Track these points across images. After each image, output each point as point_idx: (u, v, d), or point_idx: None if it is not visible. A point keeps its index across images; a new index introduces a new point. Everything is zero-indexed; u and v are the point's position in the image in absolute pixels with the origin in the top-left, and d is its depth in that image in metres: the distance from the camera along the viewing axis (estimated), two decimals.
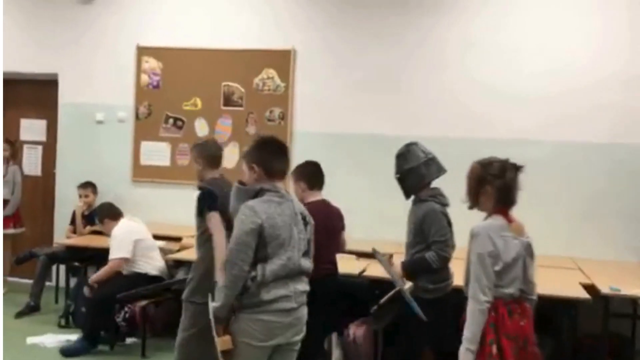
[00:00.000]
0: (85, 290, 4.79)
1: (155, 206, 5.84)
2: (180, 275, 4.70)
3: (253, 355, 2.65)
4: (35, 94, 6.51)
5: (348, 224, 3.92)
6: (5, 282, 5.96)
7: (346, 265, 4.25)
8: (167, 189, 5.95)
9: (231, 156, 5.56)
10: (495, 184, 2.63)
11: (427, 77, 5.41)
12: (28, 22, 6.24)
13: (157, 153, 5.96)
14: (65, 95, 6.19)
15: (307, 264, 2.77)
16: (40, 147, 6.50)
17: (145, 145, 5.99)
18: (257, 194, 2.71)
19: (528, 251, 2.67)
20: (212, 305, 2.68)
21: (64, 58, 6.14)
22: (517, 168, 2.66)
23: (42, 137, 6.50)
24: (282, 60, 5.67)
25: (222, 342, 2.63)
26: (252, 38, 5.74)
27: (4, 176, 5.92)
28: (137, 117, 5.99)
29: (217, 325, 2.65)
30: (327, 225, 3.56)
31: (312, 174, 3.79)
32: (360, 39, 5.54)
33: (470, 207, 2.71)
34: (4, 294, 5.84)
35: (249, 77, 5.75)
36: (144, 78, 5.98)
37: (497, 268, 2.55)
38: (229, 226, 3.17)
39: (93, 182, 5.70)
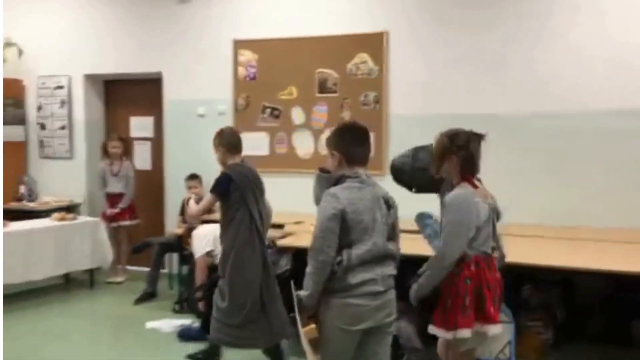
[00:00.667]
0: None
1: None
2: (283, 262, 4.76)
3: (344, 340, 2.63)
4: (143, 92, 6.82)
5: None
6: (124, 270, 6.34)
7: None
8: (267, 178, 5.95)
9: None
10: (460, 154, 2.84)
11: (531, 51, 5.10)
12: (133, 26, 6.52)
13: (256, 143, 6.06)
14: (168, 92, 6.43)
15: (393, 247, 2.76)
16: (149, 143, 6.82)
17: (245, 136, 6.01)
18: (338, 181, 2.70)
19: (494, 212, 2.95)
20: (298, 294, 2.66)
21: (166, 57, 6.38)
22: (480, 138, 2.87)
23: (150, 134, 6.81)
24: (374, 44, 5.56)
25: (307, 332, 2.64)
26: (344, 23, 5.68)
27: (118, 172, 6.27)
28: (236, 109, 6.13)
29: (302, 314, 2.66)
30: None
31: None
32: (455, 15, 5.32)
33: (435, 174, 2.92)
34: (123, 282, 6.23)
35: (342, 63, 5.69)
36: (241, 71, 6.09)
37: (473, 230, 2.78)
38: (243, 211, 3.68)
39: (198, 174, 5.90)
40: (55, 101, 6.87)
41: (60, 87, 6.83)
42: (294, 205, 5.18)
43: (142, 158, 6.82)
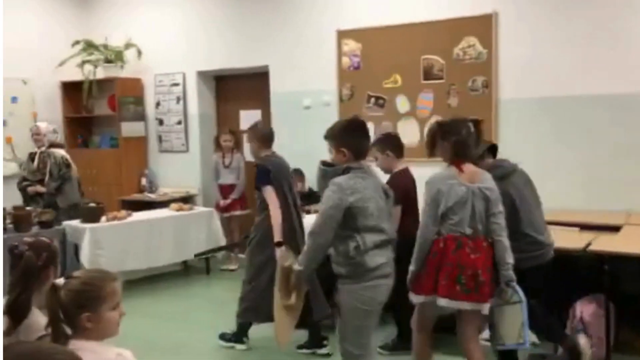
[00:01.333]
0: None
1: None
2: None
3: (366, 319, 2.94)
4: (251, 86, 6.99)
5: (565, 196, 3.58)
6: (237, 259, 6.56)
7: (569, 239, 3.88)
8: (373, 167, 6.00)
9: None
10: (450, 140, 3.09)
11: None
12: (239, 22, 6.68)
13: None
14: (275, 85, 6.55)
15: (392, 231, 3.04)
16: None
17: None
18: (344, 172, 2.92)
19: (478, 196, 3.07)
20: (296, 267, 2.99)
21: (271, 50, 6.48)
22: (475, 123, 3.15)
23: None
24: (482, 26, 5.31)
25: (288, 305, 3.05)
26: (449, 7, 5.47)
27: (230, 164, 6.48)
28: (340, 99, 6.11)
29: (283, 285, 3.05)
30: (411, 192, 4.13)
31: (397, 144, 4.18)
32: None
33: (429, 156, 3.22)
34: (236, 269, 6.44)
35: (449, 48, 5.49)
36: (345, 61, 6.06)
37: (441, 209, 3.06)
38: (280, 195, 4.06)
39: (302, 171, 5.87)
40: (171, 97, 7.22)
41: (176, 84, 7.16)
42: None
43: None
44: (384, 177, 3.86)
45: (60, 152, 5.76)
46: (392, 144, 4.17)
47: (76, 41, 7.05)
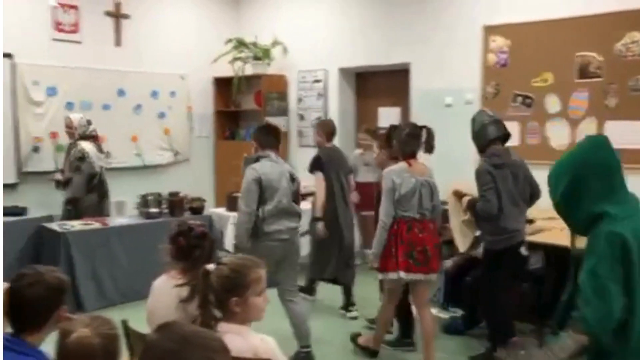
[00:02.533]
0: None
1: None
2: (534, 260, 4.39)
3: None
4: (391, 83, 6.90)
5: None
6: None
7: None
8: None
9: (587, 131, 4.94)
10: (398, 140, 3.87)
11: None
12: (382, 19, 6.60)
13: None
14: (416, 83, 6.40)
15: (296, 207, 4.03)
16: None
17: None
18: (257, 160, 3.95)
19: (425, 186, 3.74)
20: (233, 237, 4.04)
21: (413, 47, 6.34)
22: (420, 130, 3.87)
23: (397, 124, 6.85)
24: None
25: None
26: (609, 0, 4.99)
27: (369, 162, 6.42)
28: (484, 97, 5.83)
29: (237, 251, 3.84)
30: None
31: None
32: None
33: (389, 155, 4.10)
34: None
35: (608, 44, 5.01)
36: (491, 57, 5.76)
37: (396, 197, 3.69)
38: (328, 181, 4.98)
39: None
40: (313, 94, 7.33)
41: (318, 81, 7.26)
42: (543, 199, 4.75)
43: None
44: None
45: (84, 144, 5.49)
46: (388, 144, 4.32)
47: (228, 39, 7.40)
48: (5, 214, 5.24)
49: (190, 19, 7.55)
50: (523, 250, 3.91)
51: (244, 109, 7.89)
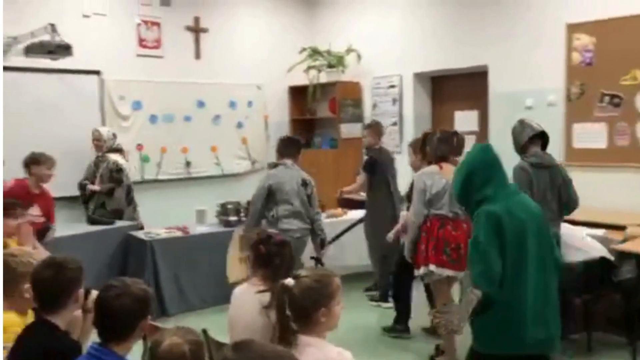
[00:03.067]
0: None
1: (592, 192, 5.27)
2: (626, 269, 4.12)
3: None
4: (468, 87, 6.72)
5: None
6: None
7: None
8: (604, 173, 5.34)
9: None
10: (431, 145, 4.18)
11: None
12: (458, 20, 6.44)
13: (591, 135, 5.41)
14: (494, 85, 6.19)
15: (311, 211, 4.66)
16: (473, 137, 6.69)
17: (578, 127, 5.51)
18: (275, 166, 4.73)
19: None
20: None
21: (491, 48, 6.14)
22: (451, 135, 4.20)
23: (475, 127, 6.67)
24: None
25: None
26: None
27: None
28: (568, 98, 5.55)
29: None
30: None
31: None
32: None
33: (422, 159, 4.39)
34: None
35: None
36: (575, 56, 5.47)
37: (427, 197, 3.98)
38: (383, 182, 5.42)
39: None
40: (387, 99, 7.26)
41: (393, 86, 7.18)
42: (635, 204, 4.46)
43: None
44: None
45: (114, 156, 5.73)
46: (422, 150, 4.51)
47: (303, 48, 7.46)
48: (96, 223, 5.53)
49: (265, 30, 7.68)
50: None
51: (319, 116, 7.93)
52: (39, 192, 4.82)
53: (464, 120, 6.75)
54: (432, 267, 3.92)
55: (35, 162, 4.77)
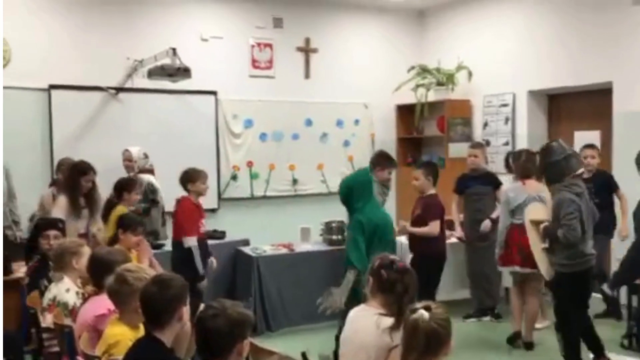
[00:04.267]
0: None
1: None
2: None
3: None
4: (589, 105, 6.26)
5: None
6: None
7: None
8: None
9: None
10: (515, 165, 4.92)
11: None
12: (579, 35, 6.03)
13: None
14: (619, 103, 5.70)
15: None
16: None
17: None
18: None
19: (537, 200, 4.59)
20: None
21: (617, 64, 5.67)
22: (531, 154, 4.78)
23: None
24: None
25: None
26: None
27: None
28: None
29: None
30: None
31: (437, 174, 5.07)
32: None
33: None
34: None
35: None
36: None
37: (510, 207, 4.73)
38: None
39: None
40: (499, 118, 6.94)
41: (505, 105, 6.86)
42: None
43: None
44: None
45: (147, 177, 5.55)
46: (435, 172, 4.99)
47: (411, 67, 7.34)
48: (208, 237, 5.66)
49: (373, 49, 7.65)
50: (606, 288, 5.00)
51: (427, 135, 7.75)
52: (199, 203, 4.91)
53: (585, 141, 6.23)
54: (517, 268, 4.74)
55: (191, 179, 4.81)
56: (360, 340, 2.57)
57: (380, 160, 4.90)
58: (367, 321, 2.57)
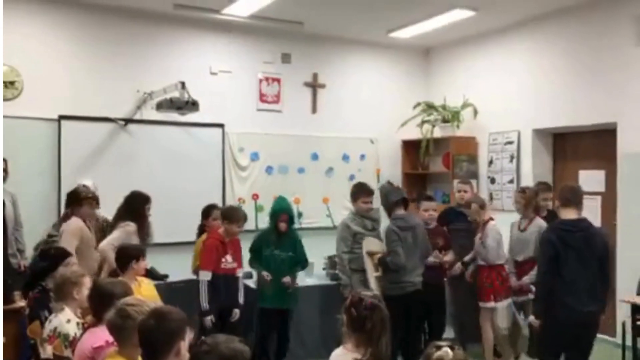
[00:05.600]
0: None
1: None
2: None
3: None
4: (594, 144, 6.28)
5: None
6: None
7: None
8: None
9: None
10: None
11: None
12: (581, 75, 6.09)
13: None
14: (624, 144, 5.72)
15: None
16: (599, 198, 6.19)
17: None
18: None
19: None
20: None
21: (622, 105, 5.71)
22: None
23: (601, 188, 6.17)
24: None
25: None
26: None
27: (525, 228, 5.75)
28: None
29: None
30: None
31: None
32: None
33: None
34: None
35: None
36: None
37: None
38: None
39: None
40: (505, 156, 6.96)
41: (510, 143, 6.89)
42: None
43: (590, 213, 6.21)
44: None
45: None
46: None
47: (417, 103, 7.41)
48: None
49: (380, 86, 7.74)
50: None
51: (432, 171, 7.77)
52: (229, 239, 4.98)
53: (590, 180, 6.26)
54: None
55: (228, 218, 4.94)
56: None
57: (354, 191, 5.21)
58: None
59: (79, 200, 4.88)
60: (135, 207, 4.97)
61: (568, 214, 4.00)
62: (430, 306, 5.07)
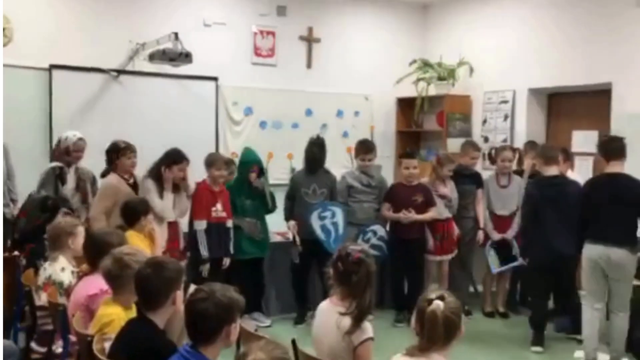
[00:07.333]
0: None
1: None
2: None
3: None
4: (588, 105, 6.28)
5: None
6: None
7: None
8: None
9: None
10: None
11: None
12: (577, 34, 6.04)
13: None
14: (618, 105, 5.72)
15: None
16: (590, 159, 6.22)
17: None
18: None
19: None
20: None
21: (617, 65, 5.69)
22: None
23: (594, 149, 6.18)
24: None
25: None
26: None
27: (507, 185, 5.75)
28: None
29: None
30: None
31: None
32: None
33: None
34: None
35: None
36: None
37: None
38: None
39: None
40: (499, 115, 6.95)
41: (505, 102, 6.87)
42: None
43: (581, 174, 6.26)
44: None
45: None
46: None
47: (413, 60, 7.33)
48: None
49: (376, 42, 7.64)
50: None
51: (426, 129, 7.76)
52: (219, 189, 5.02)
53: (583, 141, 6.29)
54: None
55: (207, 164, 5.02)
56: (329, 343, 2.60)
57: (356, 147, 5.60)
58: (330, 320, 2.60)
59: (118, 153, 4.80)
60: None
61: (549, 171, 4.69)
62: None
